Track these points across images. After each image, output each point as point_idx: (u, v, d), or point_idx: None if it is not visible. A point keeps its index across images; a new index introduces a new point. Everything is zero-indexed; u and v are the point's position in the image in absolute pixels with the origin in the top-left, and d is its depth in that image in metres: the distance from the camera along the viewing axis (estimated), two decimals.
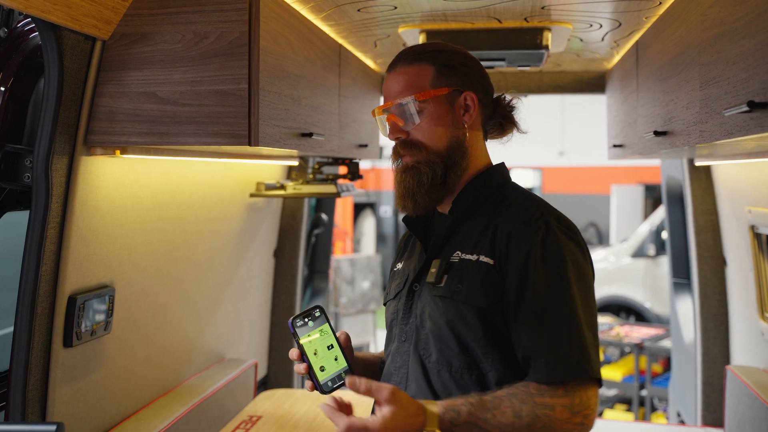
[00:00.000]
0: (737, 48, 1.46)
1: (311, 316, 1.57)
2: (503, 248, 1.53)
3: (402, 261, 1.78)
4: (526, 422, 1.43)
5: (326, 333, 1.57)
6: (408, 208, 1.65)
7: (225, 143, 1.81)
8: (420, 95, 1.61)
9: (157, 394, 2.42)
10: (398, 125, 1.65)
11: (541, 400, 1.44)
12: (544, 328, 1.47)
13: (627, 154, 2.74)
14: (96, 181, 1.90)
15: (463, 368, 1.54)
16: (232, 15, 1.79)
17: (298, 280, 3.61)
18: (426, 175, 1.61)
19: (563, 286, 1.49)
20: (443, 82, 1.63)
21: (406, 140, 1.64)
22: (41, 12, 1.55)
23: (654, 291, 8.57)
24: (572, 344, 1.46)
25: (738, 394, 2.70)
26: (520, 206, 1.61)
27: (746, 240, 2.81)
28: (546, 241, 1.51)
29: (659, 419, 5.77)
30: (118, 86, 1.84)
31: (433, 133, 1.63)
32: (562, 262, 1.51)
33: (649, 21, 2.27)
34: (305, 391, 3.28)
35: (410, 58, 1.66)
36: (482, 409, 1.44)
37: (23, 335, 1.79)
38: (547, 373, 1.45)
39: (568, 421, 1.44)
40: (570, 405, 1.44)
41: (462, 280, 1.55)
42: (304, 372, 1.53)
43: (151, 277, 2.28)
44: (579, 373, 1.45)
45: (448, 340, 1.55)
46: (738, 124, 1.45)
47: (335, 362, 1.56)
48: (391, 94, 1.66)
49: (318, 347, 1.55)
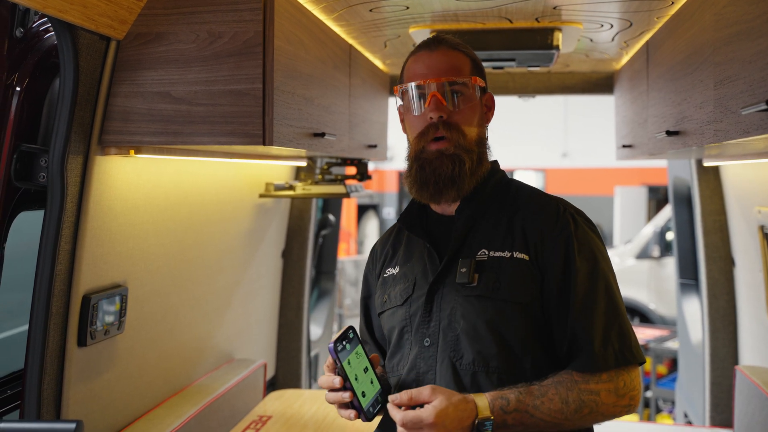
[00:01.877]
0: (753, 47, 1.46)
1: (347, 338, 1.46)
2: (538, 244, 1.55)
3: (397, 266, 1.72)
4: (573, 408, 1.46)
5: (361, 355, 1.48)
6: (448, 197, 1.61)
7: (239, 143, 1.81)
8: (474, 79, 1.61)
9: (168, 394, 2.42)
10: (442, 103, 1.60)
11: (586, 387, 1.47)
12: (589, 318, 1.51)
13: (636, 155, 2.74)
14: (110, 180, 1.91)
15: (500, 368, 1.52)
16: (246, 15, 1.79)
17: (306, 281, 3.61)
18: (468, 162, 1.59)
19: (601, 277, 1.54)
20: (477, 74, 1.65)
21: (446, 121, 1.60)
22: (58, 11, 1.56)
23: (658, 292, 8.57)
24: (613, 333, 1.50)
25: (748, 394, 2.69)
26: (539, 201, 1.63)
27: (755, 240, 2.81)
28: (578, 235, 1.56)
29: (664, 420, 5.76)
30: (132, 86, 1.85)
31: (470, 121, 1.62)
32: (595, 254, 1.56)
33: (661, 21, 2.27)
34: (314, 391, 3.30)
35: (450, 44, 1.65)
36: (530, 396, 1.45)
37: (38, 334, 1.79)
38: (592, 363, 1.48)
39: (616, 404, 1.49)
40: (615, 389, 1.48)
41: (498, 277, 1.55)
42: (349, 399, 1.44)
43: (162, 277, 2.28)
44: (621, 361, 1.49)
45: (485, 340, 1.53)
46: (755, 122, 1.45)
47: (371, 386, 1.48)
48: (436, 71, 1.61)
49: (357, 372, 1.45)
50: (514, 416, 1.43)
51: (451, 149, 1.58)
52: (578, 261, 1.53)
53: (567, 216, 1.58)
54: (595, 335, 1.49)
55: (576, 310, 1.51)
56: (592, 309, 1.51)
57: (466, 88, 1.61)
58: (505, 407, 1.43)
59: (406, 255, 1.72)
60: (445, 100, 1.60)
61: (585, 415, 1.47)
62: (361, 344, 1.50)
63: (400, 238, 1.78)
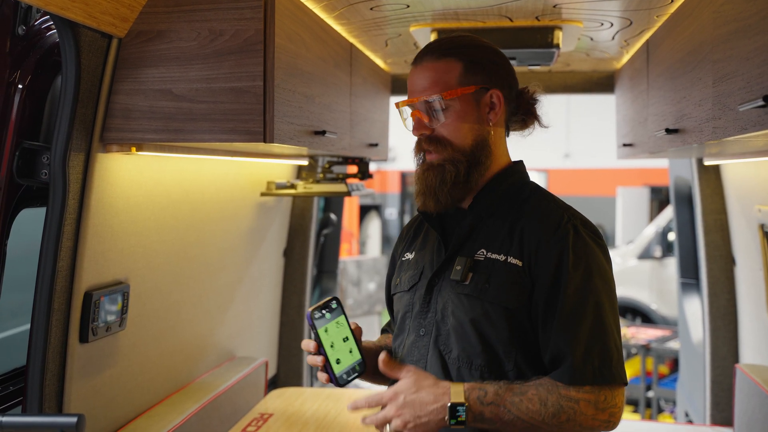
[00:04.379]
0: (751, 44, 1.47)
1: (328, 307, 1.55)
2: (533, 252, 1.55)
3: (413, 251, 1.76)
4: (551, 411, 1.46)
5: (342, 325, 1.56)
6: (429, 207, 1.63)
7: (240, 140, 1.82)
8: (447, 93, 1.58)
9: (170, 391, 2.43)
10: (423, 121, 1.62)
11: (566, 393, 1.47)
12: (572, 332, 1.50)
13: (636, 153, 2.75)
14: (111, 178, 1.92)
15: (483, 366, 1.54)
16: (247, 13, 1.80)
17: (307, 280, 3.62)
18: (450, 173, 1.59)
19: (592, 291, 1.52)
20: (470, 79, 1.61)
21: (431, 136, 1.62)
22: (60, 9, 1.57)
23: (660, 293, 8.57)
24: (595, 351, 1.49)
25: (748, 392, 2.70)
26: (545, 209, 1.61)
27: (756, 239, 2.81)
28: (576, 247, 1.53)
29: (666, 420, 5.76)
30: (134, 84, 1.86)
31: (458, 130, 1.61)
32: (591, 268, 1.53)
33: (661, 19, 2.28)
34: (315, 389, 3.30)
35: (438, 52, 1.63)
36: (510, 392, 1.47)
37: (40, 331, 1.80)
38: (570, 376, 1.48)
39: (594, 417, 1.48)
40: (595, 401, 1.48)
41: (489, 279, 1.56)
42: (320, 364, 1.53)
43: (164, 274, 2.29)
44: (599, 379, 1.48)
45: (470, 338, 1.55)
46: (752, 119, 1.46)
47: (350, 354, 1.56)
48: (416, 89, 1.62)
49: (334, 339, 1.54)
50: (491, 409, 1.45)
51: (436, 161, 1.61)
52: (570, 273, 1.51)
53: (568, 227, 1.56)
54: (576, 349, 1.48)
55: (561, 323, 1.50)
56: (577, 323, 1.50)
57: (451, 100, 1.59)
58: (482, 398, 1.46)
59: (423, 242, 1.75)
60: (428, 116, 1.61)
61: (563, 421, 1.47)
62: (345, 315, 1.57)
63: (423, 224, 1.81)
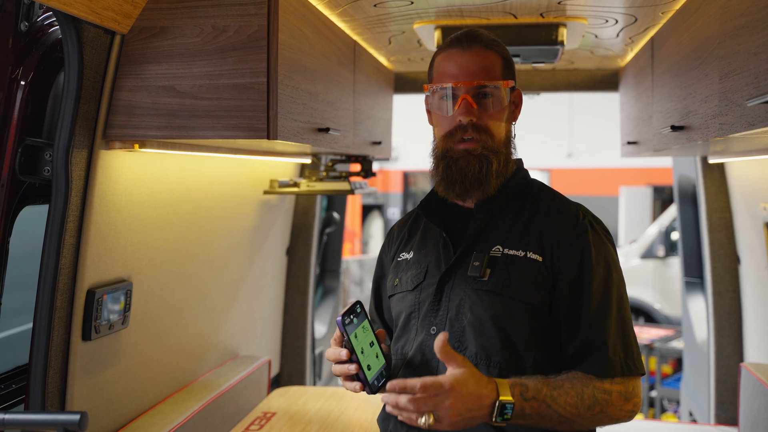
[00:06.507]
0: (758, 39, 1.46)
1: (354, 312, 1.50)
2: (554, 247, 1.56)
3: (412, 251, 1.74)
4: (587, 404, 1.47)
5: (367, 330, 1.52)
6: (474, 195, 1.63)
7: (244, 137, 1.81)
8: (505, 83, 1.62)
9: (173, 390, 2.42)
10: (472, 107, 1.60)
11: (601, 385, 1.49)
12: (602, 325, 1.52)
13: (641, 151, 2.74)
14: (114, 175, 1.91)
15: (501, 363, 1.53)
16: (250, 9, 1.79)
17: (310, 279, 3.61)
18: (495, 163, 1.60)
19: (613, 286, 1.56)
20: (507, 75, 1.65)
21: (477, 124, 1.61)
22: (62, 5, 1.56)
23: (663, 292, 8.54)
24: (620, 343, 1.53)
25: (753, 391, 2.69)
26: (559, 205, 1.65)
27: (761, 237, 2.80)
28: (595, 242, 1.57)
29: (669, 420, 5.74)
30: (137, 80, 1.85)
31: (499, 122, 1.63)
32: (609, 262, 1.58)
33: (666, 16, 2.27)
34: (318, 387, 3.30)
35: (483, 42, 1.64)
36: (548, 386, 1.45)
37: (43, 329, 1.79)
38: (603, 368, 1.50)
39: (622, 408, 1.51)
40: (624, 392, 1.51)
41: (510, 275, 1.56)
42: (355, 371, 1.47)
43: (167, 272, 2.28)
44: (626, 371, 1.51)
45: (490, 334, 1.54)
46: (760, 114, 1.45)
47: (377, 360, 1.52)
48: (467, 73, 1.61)
49: (363, 345, 1.49)
50: (531, 404, 1.42)
51: (479, 149, 1.60)
52: (594, 267, 1.54)
53: (585, 223, 1.59)
54: (607, 342, 1.51)
55: (590, 316, 1.52)
56: (606, 316, 1.53)
57: (497, 90, 1.61)
58: (524, 393, 1.42)
59: (422, 241, 1.74)
60: (476, 102, 1.60)
61: (596, 413, 1.48)
62: (368, 319, 1.52)
63: (417, 223, 1.79)
